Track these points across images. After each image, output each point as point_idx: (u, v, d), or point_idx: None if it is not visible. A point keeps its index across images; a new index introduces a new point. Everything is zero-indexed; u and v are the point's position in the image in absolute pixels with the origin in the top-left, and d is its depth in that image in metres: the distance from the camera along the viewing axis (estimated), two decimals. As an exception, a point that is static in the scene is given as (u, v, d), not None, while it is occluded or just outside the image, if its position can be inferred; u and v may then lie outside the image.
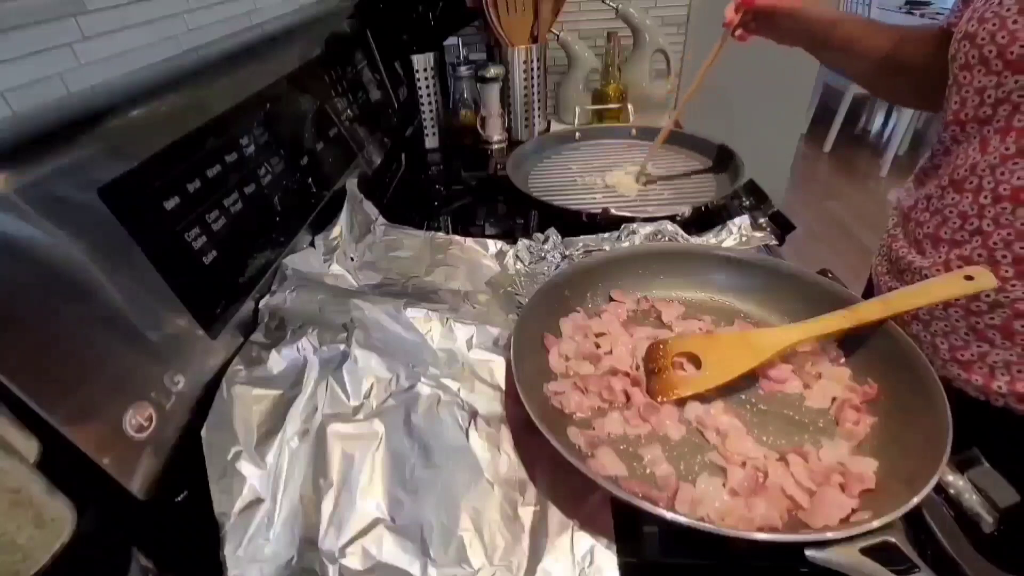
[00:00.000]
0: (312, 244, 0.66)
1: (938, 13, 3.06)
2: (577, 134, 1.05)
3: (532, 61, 1.08)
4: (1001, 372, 0.49)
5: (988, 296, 0.48)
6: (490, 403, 0.46)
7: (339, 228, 0.68)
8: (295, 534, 0.38)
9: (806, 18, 0.63)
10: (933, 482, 0.34)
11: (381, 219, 0.78)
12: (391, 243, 0.73)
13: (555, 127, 1.19)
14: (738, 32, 0.68)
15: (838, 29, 0.62)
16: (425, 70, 1.06)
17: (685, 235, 0.68)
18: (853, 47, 0.62)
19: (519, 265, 0.68)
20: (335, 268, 0.63)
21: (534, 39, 1.07)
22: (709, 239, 0.68)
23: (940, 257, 0.52)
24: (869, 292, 0.66)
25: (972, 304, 0.49)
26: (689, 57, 1.35)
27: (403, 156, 1.06)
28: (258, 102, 0.63)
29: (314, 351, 0.48)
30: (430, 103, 1.09)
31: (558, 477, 0.40)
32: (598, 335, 0.54)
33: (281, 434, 0.42)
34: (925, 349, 0.53)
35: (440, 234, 0.74)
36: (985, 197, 0.47)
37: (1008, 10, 0.43)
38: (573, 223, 0.73)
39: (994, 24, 0.44)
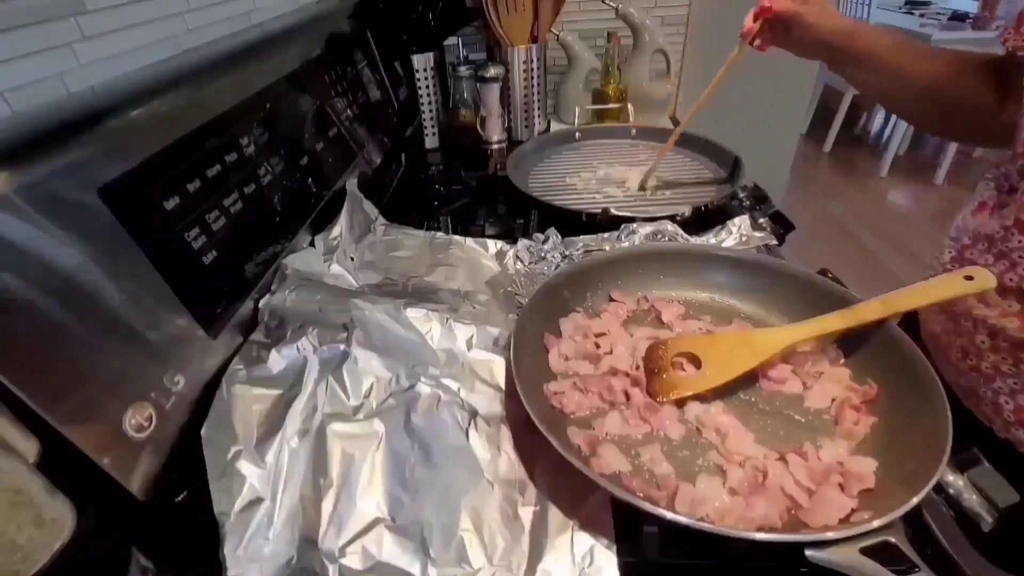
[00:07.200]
0: (312, 244, 0.65)
1: (939, 13, 3.07)
2: (577, 134, 1.05)
3: (532, 61, 1.08)
4: None
5: None
6: (490, 403, 0.46)
7: (339, 228, 0.68)
8: (295, 534, 0.38)
9: (824, 28, 0.59)
10: (933, 482, 0.34)
11: (381, 219, 0.78)
12: (391, 243, 0.73)
13: (555, 127, 1.19)
14: (756, 42, 0.63)
15: (856, 42, 0.58)
16: (425, 70, 1.06)
17: (685, 235, 0.68)
18: (869, 62, 0.58)
19: (519, 265, 0.68)
20: (335, 268, 0.63)
21: (534, 39, 1.07)
22: (709, 239, 0.68)
23: (1012, 308, 0.46)
24: (914, 329, 0.59)
25: None
26: (687, 59, 1.35)
27: (403, 156, 1.06)
28: (258, 102, 0.63)
29: (314, 351, 0.48)
30: (430, 103, 1.09)
31: (558, 477, 0.40)
32: (598, 335, 0.54)
33: (281, 433, 0.42)
34: (985, 407, 0.49)
35: (440, 234, 0.74)
36: None
37: None
38: (573, 223, 0.73)
39: None
